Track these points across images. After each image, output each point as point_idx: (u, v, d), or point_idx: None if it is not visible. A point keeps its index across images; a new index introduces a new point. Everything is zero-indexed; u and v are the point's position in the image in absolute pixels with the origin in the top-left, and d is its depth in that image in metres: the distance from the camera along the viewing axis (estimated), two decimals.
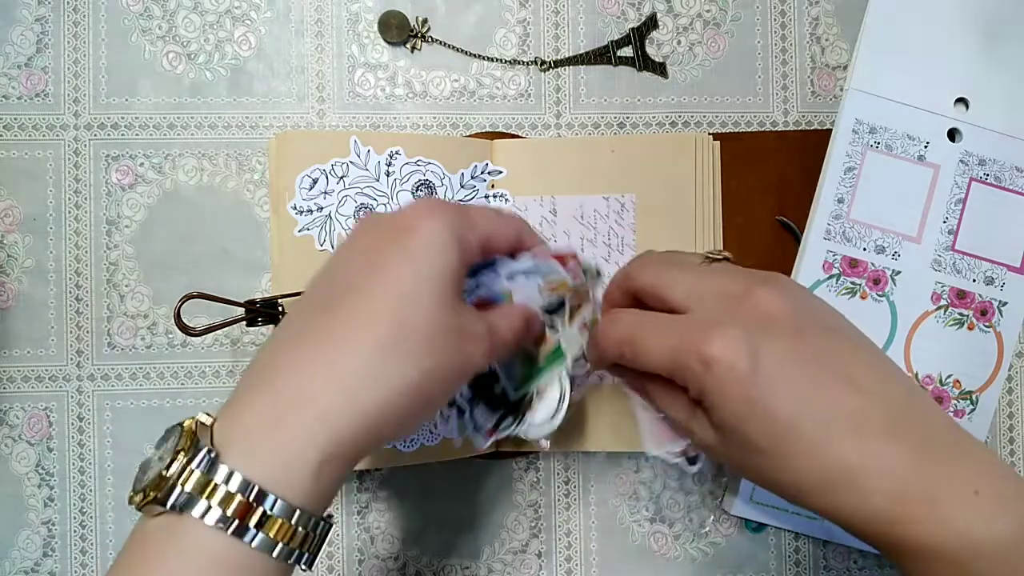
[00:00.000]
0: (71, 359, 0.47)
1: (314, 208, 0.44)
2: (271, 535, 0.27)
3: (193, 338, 0.47)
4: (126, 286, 0.47)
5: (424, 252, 0.30)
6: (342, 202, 0.44)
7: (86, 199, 0.47)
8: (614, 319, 0.34)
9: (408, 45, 0.48)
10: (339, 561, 0.47)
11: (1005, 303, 0.46)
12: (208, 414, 0.29)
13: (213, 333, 0.43)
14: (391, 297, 0.29)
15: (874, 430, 0.28)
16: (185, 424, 0.28)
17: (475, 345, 0.32)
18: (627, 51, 0.49)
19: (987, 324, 0.46)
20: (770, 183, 0.48)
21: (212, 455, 0.27)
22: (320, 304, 0.31)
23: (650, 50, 0.49)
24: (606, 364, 0.35)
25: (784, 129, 0.49)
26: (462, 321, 0.31)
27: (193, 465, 0.27)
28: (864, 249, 0.46)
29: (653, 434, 0.36)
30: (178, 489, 0.27)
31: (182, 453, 0.27)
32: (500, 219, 0.35)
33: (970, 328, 0.46)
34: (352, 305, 0.30)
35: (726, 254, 0.35)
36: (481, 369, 0.33)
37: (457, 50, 0.48)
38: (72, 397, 0.47)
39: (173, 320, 0.41)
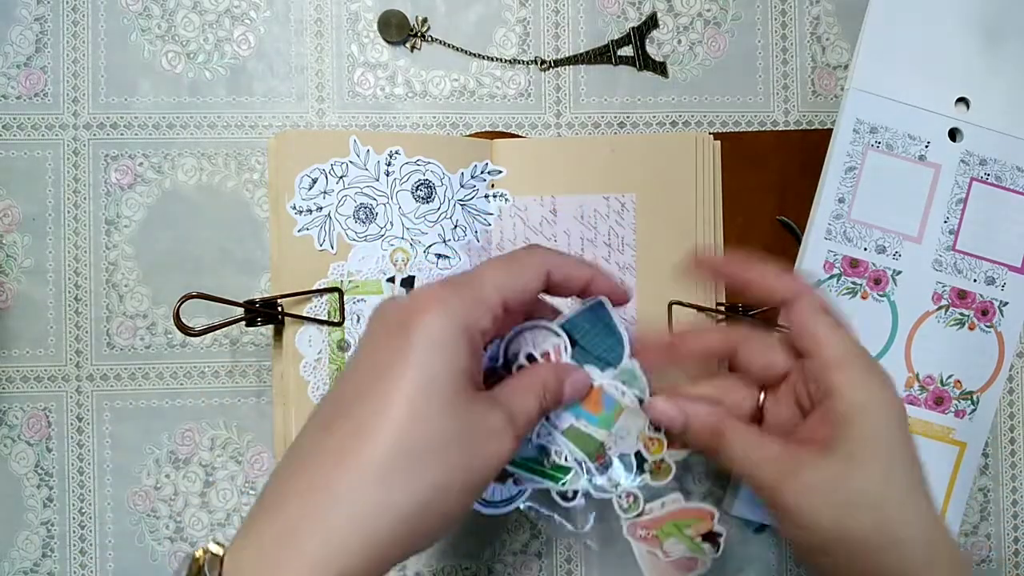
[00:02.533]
0: (70, 359, 0.47)
1: (314, 208, 0.44)
2: None
3: (192, 338, 0.47)
4: (125, 286, 0.47)
5: (423, 354, 0.28)
6: (342, 202, 0.44)
7: (85, 199, 0.47)
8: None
9: (408, 45, 0.48)
10: None
11: (1006, 303, 0.46)
12: (219, 543, 0.28)
13: (212, 333, 0.43)
14: (390, 411, 0.28)
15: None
16: (196, 555, 0.27)
17: (495, 442, 0.30)
18: (627, 51, 0.49)
19: (988, 324, 0.46)
20: (770, 183, 0.48)
21: None
22: (323, 421, 0.29)
23: (650, 49, 0.49)
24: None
25: (784, 129, 0.49)
26: (474, 420, 0.29)
27: None
28: (865, 249, 0.45)
29: (646, 559, 0.37)
30: None
31: None
32: (516, 272, 0.32)
33: (971, 328, 0.46)
34: (352, 423, 0.28)
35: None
36: (508, 461, 0.31)
37: (457, 50, 0.48)
38: (71, 397, 0.47)
39: (172, 320, 0.41)
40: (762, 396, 0.37)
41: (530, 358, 0.36)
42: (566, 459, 0.37)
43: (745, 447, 0.34)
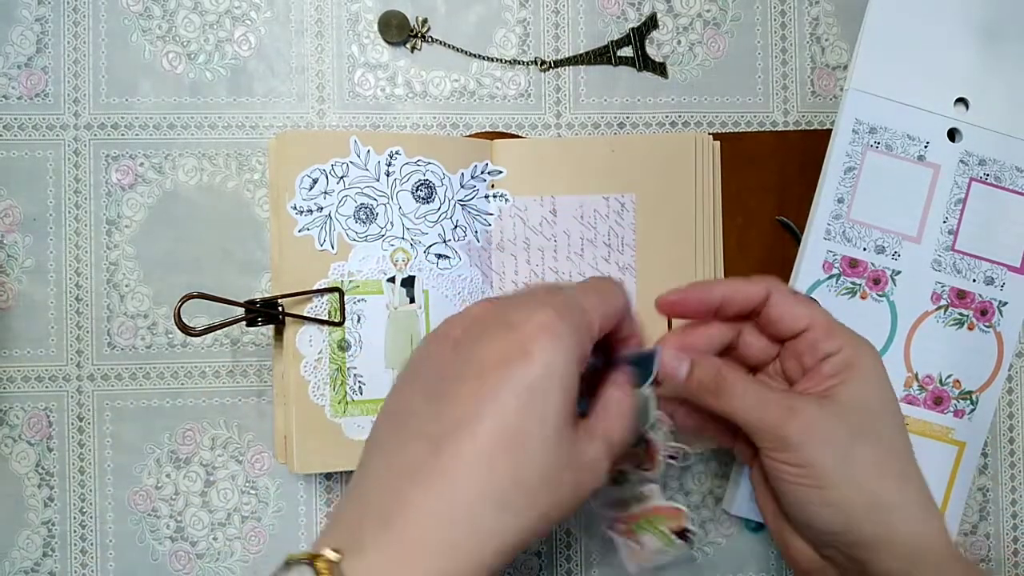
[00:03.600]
0: (71, 359, 0.47)
1: (314, 208, 0.44)
2: None
3: (193, 338, 0.47)
4: (126, 286, 0.47)
5: (543, 390, 0.29)
6: (342, 202, 0.44)
7: (86, 199, 0.47)
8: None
9: (408, 45, 0.48)
10: None
11: (1005, 303, 0.46)
12: (336, 550, 0.28)
13: (213, 333, 0.43)
14: (506, 440, 0.28)
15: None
16: (317, 565, 0.27)
17: (593, 474, 0.31)
18: (627, 51, 0.49)
19: (987, 324, 0.46)
20: (770, 183, 0.48)
21: None
22: (430, 435, 0.29)
23: (650, 50, 0.49)
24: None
25: (784, 129, 0.49)
26: (579, 452, 0.30)
27: None
28: (864, 249, 0.46)
29: (629, 552, 0.38)
30: None
31: None
32: (610, 302, 0.33)
33: (970, 328, 0.46)
34: (463, 441, 0.28)
35: None
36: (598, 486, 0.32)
37: (457, 50, 0.48)
38: (72, 397, 0.47)
39: (173, 320, 0.41)
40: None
41: None
42: None
43: (748, 389, 0.36)
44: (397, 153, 0.45)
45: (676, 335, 0.40)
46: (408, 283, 0.45)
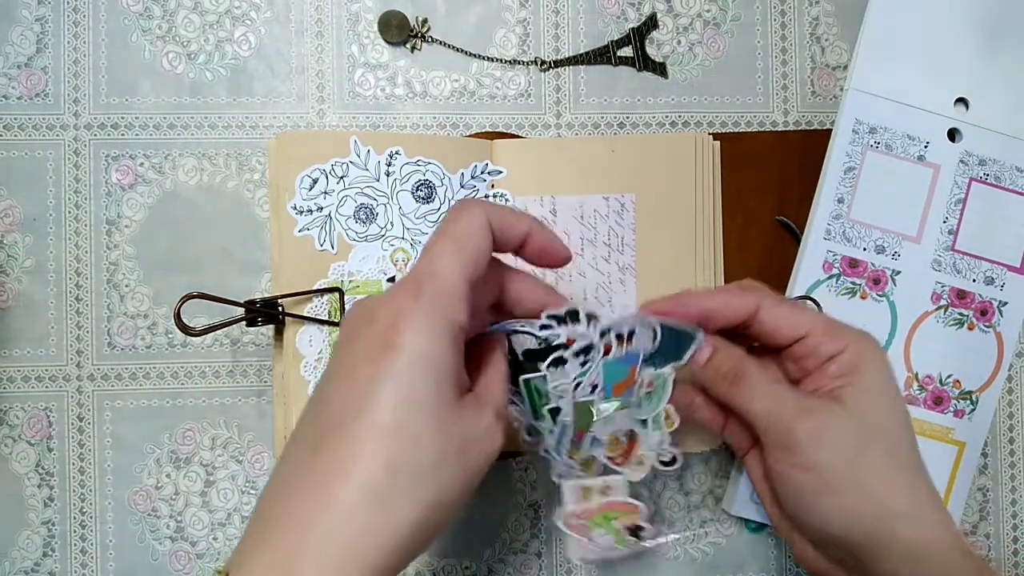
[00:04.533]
0: (71, 359, 0.47)
1: (314, 208, 0.44)
2: None
3: (193, 338, 0.47)
4: (126, 286, 0.47)
5: (411, 379, 0.28)
6: (342, 202, 0.44)
7: (86, 199, 0.47)
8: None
9: (408, 45, 0.48)
10: None
11: (1005, 303, 0.46)
12: (222, 572, 0.28)
13: (213, 333, 0.43)
14: (377, 436, 0.27)
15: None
16: None
17: (487, 442, 0.30)
18: (627, 51, 0.49)
19: (987, 324, 0.46)
20: (770, 183, 0.48)
21: None
22: (308, 442, 0.29)
23: (650, 50, 0.49)
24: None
25: (784, 129, 0.49)
26: (466, 428, 0.29)
27: None
28: (864, 249, 0.46)
29: (576, 545, 0.38)
30: None
31: None
32: (465, 242, 0.31)
33: (970, 328, 0.46)
34: (337, 447, 0.27)
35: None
36: (500, 451, 0.31)
37: (457, 50, 0.48)
38: (72, 397, 0.47)
39: (173, 320, 0.41)
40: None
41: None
42: (554, 416, 0.37)
43: (765, 382, 0.36)
44: (397, 153, 0.45)
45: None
46: None
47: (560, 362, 0.36)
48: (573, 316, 0.35)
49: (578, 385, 0.36)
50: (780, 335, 0.37)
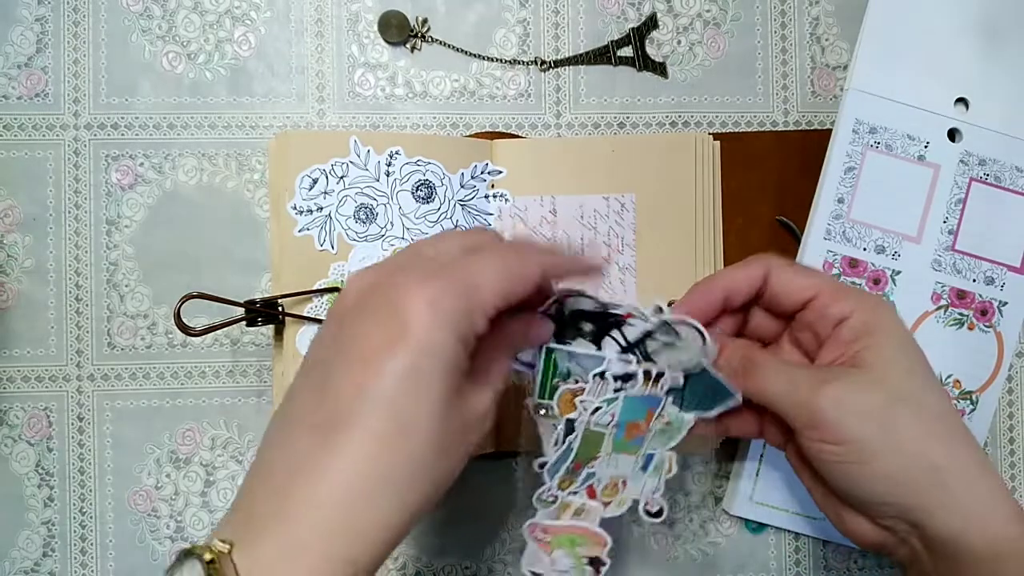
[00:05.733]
0: (71, 359, 0.47)
1: (314, 208, 0.44)
2: None
3: (193, 338, 0.47)
4: (126, 286, 0.47)
5: (427, 374, 0.28)
6: (342, 202, 0.44)
7: (86, 199, 0.47)
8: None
9: (408, 45, 0.48)
10: None
11: (1005, 303, 0.46)
12: (225, 541, 0.28)
13: (213, 333, 0.43)
14: (390, 426, 0.28)
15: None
16: (205, 557, 0.27)
17: (479, 429, 0.31)
18: (627, 51, 0.49)
19: (987, 324, 0.46)
20: (770, 183, 0.48)
21: None
22: (313, 426, 0.29)
23: (650, 50, 0.49)
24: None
25: (784, 129, 0.49)
26: (464, 416, 0.30)
27: None
28: (864, 249, 0.46)
29: (533, 556, 0.38)
30: None
31: None
32: (516, 278, 0.31)
33: (970, 328, 0.46)
34: (348, 430, 0.28)
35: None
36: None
37: (457, 50, 0.48)
38: (72, 397, 0.47)
39: (173, 320, 0.41)
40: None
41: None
42: (561, 430, 0.36)
43: (776, 368, 0.36)
44: (397, 153, 0.45)
45: None
46: None
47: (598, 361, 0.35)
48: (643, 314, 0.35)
49: (597, 410, 0.35)
50: (790, 299, 0.37)
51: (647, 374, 0.35)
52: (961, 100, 0.45)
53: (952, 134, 0.46)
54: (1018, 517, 0.33)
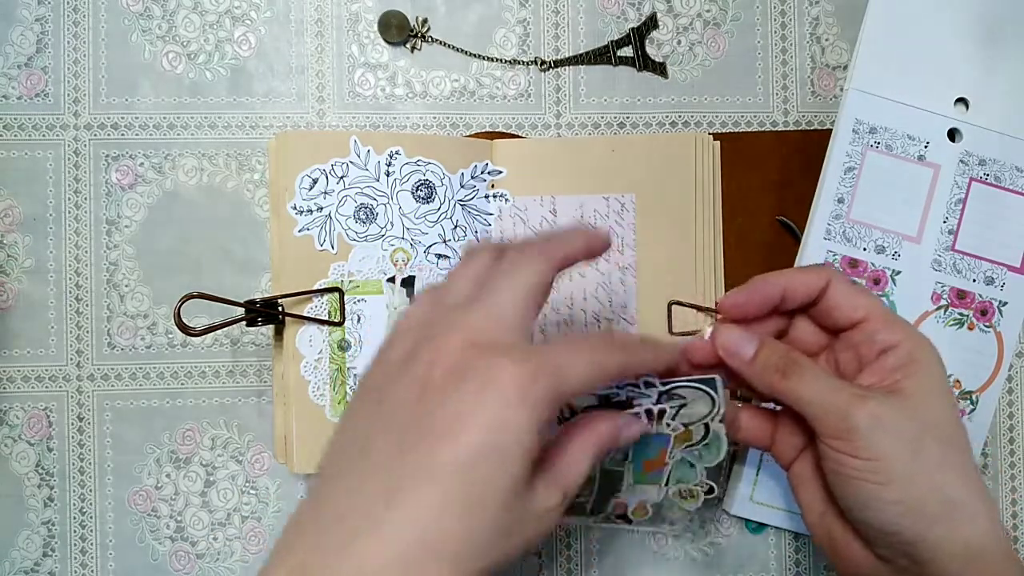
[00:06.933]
0: (71, 359, 0.47)
1: (314, 208, 0.44)
2: None
3: (193, 338, 0.47)
4: (126, 286, 0.47)
5: (508, 458, 0.28)
6: (342, 202, 0.44)
7: (86, 199, 0.47)
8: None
9: (408, 45, 0.48)
10: None
11: (1005, 303, 0.46)
12: None
13: (213, 333, 0.43)
14: (461, 501, 0.28)
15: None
16: None
17: (543, 524, 0.31)
18: (627, 51, 0.49)
19: (987, 324, 0.46)
20: (770, 183, 0.48)
21: None
22: (389, 466, 0.29)
23: (650, 50, 0.49)
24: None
25: (784, 129, 0.49)
26: (533, 507, 0.30)
27: None
28: (864, 249, 0.46)
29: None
30: None
31: None
32: (600, 373, 0.31)
33: (970, 328, 0.46)
34: (419, 495, 0.28)
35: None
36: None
37: (457, 50, 0.48)
38: (72, 397, 0.47)
39: (173, 320, 0.41)
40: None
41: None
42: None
43: (817, 372, 0.36)
44: (397, 153, 0.45)
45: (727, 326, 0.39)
46: (408, 283, 0.45)
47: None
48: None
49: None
50: (843, 315, 0.37)
51: (648, 412, 0.35)
52: (961, 100, 0.45)
53: (952, 134, 0.46)
54: (1012, 562, 0.34)
